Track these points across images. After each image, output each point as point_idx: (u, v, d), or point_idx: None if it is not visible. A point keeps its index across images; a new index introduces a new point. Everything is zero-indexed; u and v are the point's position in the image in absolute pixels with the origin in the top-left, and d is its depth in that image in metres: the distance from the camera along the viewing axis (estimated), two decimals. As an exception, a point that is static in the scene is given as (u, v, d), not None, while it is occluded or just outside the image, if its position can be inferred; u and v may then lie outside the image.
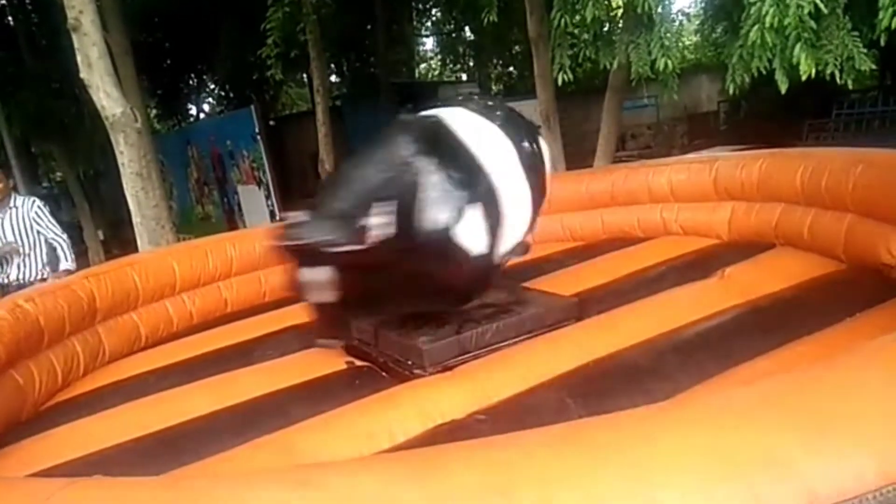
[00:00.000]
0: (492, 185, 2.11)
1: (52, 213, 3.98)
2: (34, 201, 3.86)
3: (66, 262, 3.81)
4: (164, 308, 3.10)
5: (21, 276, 3.73)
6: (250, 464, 1.57)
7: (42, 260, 3.82)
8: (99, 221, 11.22)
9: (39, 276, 3.77)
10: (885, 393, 0.72)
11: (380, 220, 1.73)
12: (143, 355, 2.78)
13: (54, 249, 3.81)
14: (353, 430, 1.74)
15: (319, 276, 1.80)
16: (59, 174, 15.08)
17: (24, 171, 9.91)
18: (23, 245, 3.73)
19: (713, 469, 0.64)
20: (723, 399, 0.79)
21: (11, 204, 3.72)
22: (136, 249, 4.46)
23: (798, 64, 3.01)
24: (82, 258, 9.61)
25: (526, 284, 2.75)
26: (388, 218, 1.76)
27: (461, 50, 15.61)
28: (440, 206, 1.95)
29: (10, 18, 10.75)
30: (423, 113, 2.28)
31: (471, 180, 2.05)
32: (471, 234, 2.04)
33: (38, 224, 3.77)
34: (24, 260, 3.73)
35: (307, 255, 1.79)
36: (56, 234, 3.82)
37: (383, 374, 2.24)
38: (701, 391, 1.58)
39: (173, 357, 2.62)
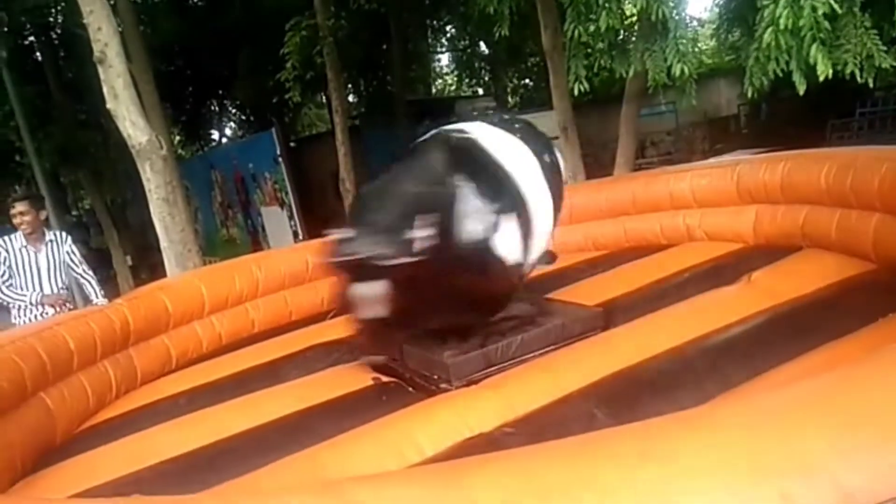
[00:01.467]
0: (521, 195, 2.16)
1: (83, 241, 4.10)
2: (67, 236, 3.92)
3: (98, 298, 3.86)
4: (193, 330, 3.15)
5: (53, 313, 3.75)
6: (281, 482, 1.58)
7: (67, 294, 3.89)
8: (127, 247, 11.46)
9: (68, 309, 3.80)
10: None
11: (425, 233, 1.77)
12: (174, 377, 2.83)
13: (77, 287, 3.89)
14: (382, 446, 1.75)
15: (372, 290, 1.83)
16: (87, 202, 15.45)
17: (54, 201, 10.16)
18: (57, 280, 3.77)
19: (743, 474, 0.63)
20: (751, 404, 0.78)
21: (47, 238, 3.78)
22: (163, 274, 4.54)
23: (815, 65, 2.98)
24: (111, 283, 9.82)
25: (550, 295, 2.75)
26: (433, 230, 1.79)
27: (477, 65, 15.72)
28: (477, 218, 1.99)
29: (38, 54, 11.11)
30: (448, 127, 2.32)
31: (502, 191, 2.10)
32: (506, 244, 2.08)
33: (71, 260, 3.84)
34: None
35: (358, 270, 1.82)
36: (86, 271, 3.90)
37: (410, 389, 2.24)
38: (729, 398, 1.56)
39: (203, 378, 2.66)
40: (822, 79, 3.04)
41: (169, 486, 1.68)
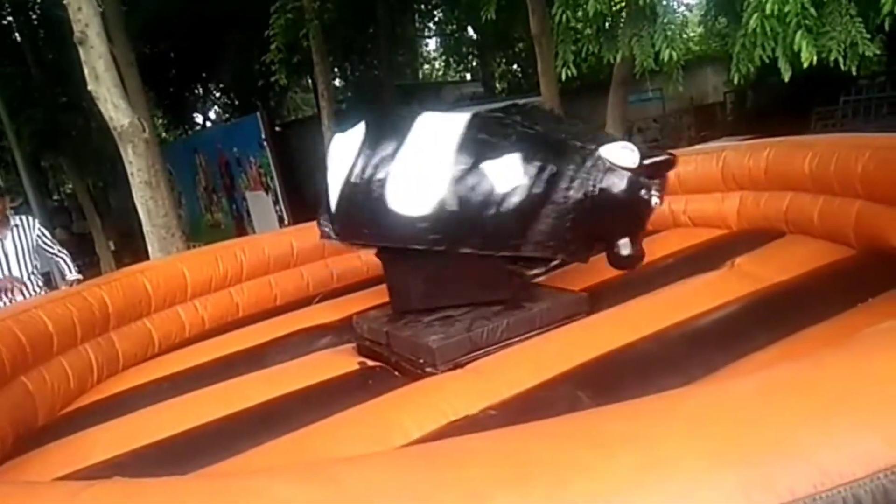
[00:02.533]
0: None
1: (65, 226, 4.04)
2: (35, 220, 3.85)
3: (72, 273, 3.83)
4: (176, 314, 3.13)
5: (26, 297, 3.63)
6: (265, 466, 1.58)
7: (41, 278, 3.81)
8: (110, 232, 11.33)
9: (41, 293, 3.71)
10: (889, 375, 0.72)
11: None
12: (157, 361, 2.81)
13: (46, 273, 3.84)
14: (367, 429, 1.75)
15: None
16: (69, 187, 15.23)
17: (35, 185, 10.01)
18: (26, 264, 3.68)
19: (725, 454, 0.64)
20: (733, 386, 0.79)
21: (12, 223, 3.70)
22: (147, 259, 4.50)
23: (800, 51, 2.99)
24: (94, 269, 9.72)
25: (536, 280, 2.76)
26: None
27: (464, 49, 15.63)
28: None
29: (16, 35, 10.88)
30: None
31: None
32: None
33: (43, 243, 3.77)
34: (26, 281, 3.66)
35: None
36: (60, 250, 3.86)
37: (395, 373, 2.25)
38: (712, 381, 1.58)
39: (187, 363, 2.64)
40: (806, 65, 3.06)
41: (152, 470, 1.66)
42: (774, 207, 2.98)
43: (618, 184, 2.15)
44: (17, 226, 3.69)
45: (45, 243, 3.80)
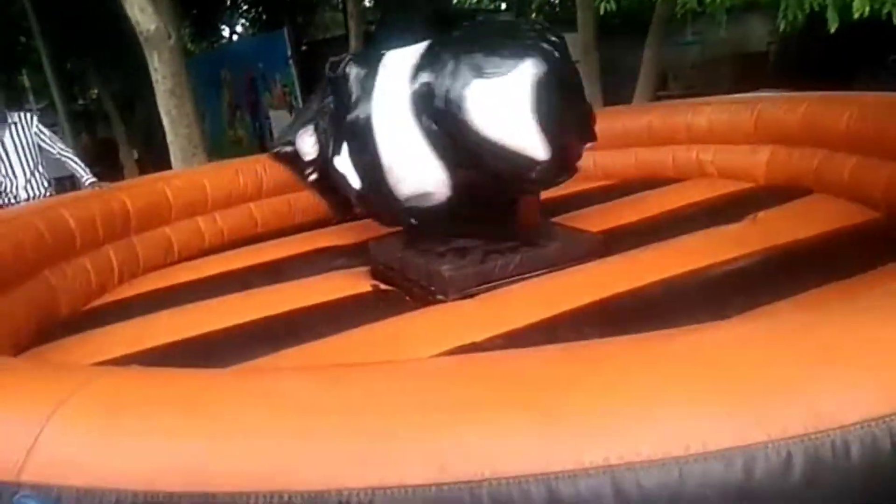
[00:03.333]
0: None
1: (89, 131, 3.92)
2: (33, 117, 3.70)
3: (86, 174, 3.51)
4: (196, 224, 3.18)
5: (31, 196, 3.48)
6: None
7: (46, 178, 3.57)
8: (134, 141, 11.35)
9: (47, 195, 3.51)
10: (892, 332, 0.72)
11: None
12: (177, 268, 2.88)
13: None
14: (376, 348, 1.80)
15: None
16: (94, 92, 15.18)
17: (60, 88, 9.98)
18: (28, 162, 3.49)
19: (718, 390, 0.65)
20: (736, 329, 0.80)
21: (10, 120, 3.47)
22: (169, 169, 4.52)
23: (852, 1, 2.84)
24: (118, 174, 9.80)
25: (553, 219, 2.75)
26: None
27: (502, -24, 14.96)
28: None
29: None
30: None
31: None
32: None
33: (42, 140, 3.53)
34: (30, 179, 3.48)
35: None
36: (63, 149, 3.58)
37: (407, 298, 2.29)
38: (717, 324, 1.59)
39: (206, 272, 2.70)
40: (856, 16, 2.89)
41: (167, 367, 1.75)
42: (805, 164, 2.91)
43: None
44: (14, 123, 3.56)
45: (45, 141, 3.56)
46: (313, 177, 2.57)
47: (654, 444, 0.59)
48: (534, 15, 14.78)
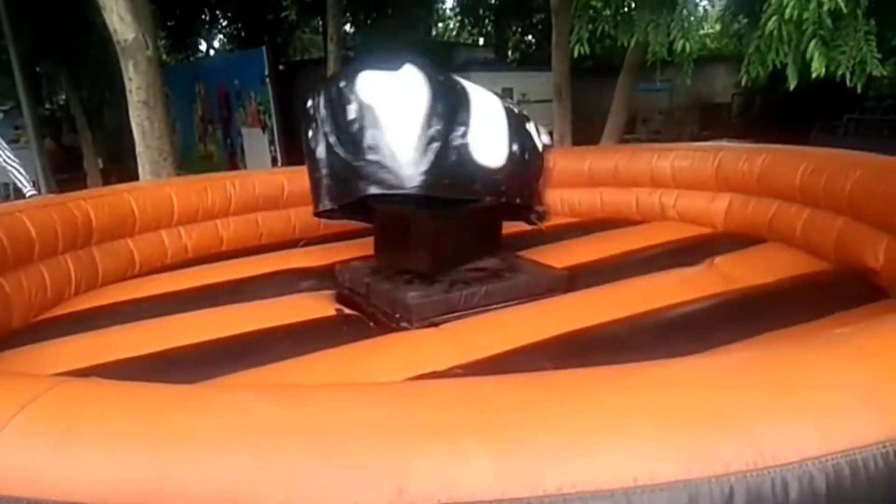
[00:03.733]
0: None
1: (54, 136, 3.81)
2: None
3: (28, 186, 3.35)
4: (159, 238, 3.13)
5: None
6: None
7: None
8: (100, 149, 11.12)
9: None
10: (838, 374, 0.76)
11: None
12: (137, 282, 2.82)
13: None
14: (337, 373, 1.79)
15: None
16: (62, 98, 14.88)
17: (28, 91, 9.76)
18: None
19: (668, 424, 0.68)
20: (689, 364, 0.84)
21: None
22: (135, 180, 4.46)
23: (811, 61, 3.00)
24: (80, 183, 9.58)
25: (519, 253, 2.80)
26: None
27: (481, 12, 15.33)
28: None
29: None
30: None
31: None
32: None
33: None
34: None
35: None
36: (8, 158, 3.34)
37: (371, 324, 2.29)
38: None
39: (166, 287, 2.66)
40: (814, 76, 3.06)
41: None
42: (761, 213, 3.03)
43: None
44: None
45: None
46: None
47: (605, 474, 0.61)
48: (510, 53, 15.14)
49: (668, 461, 0.64)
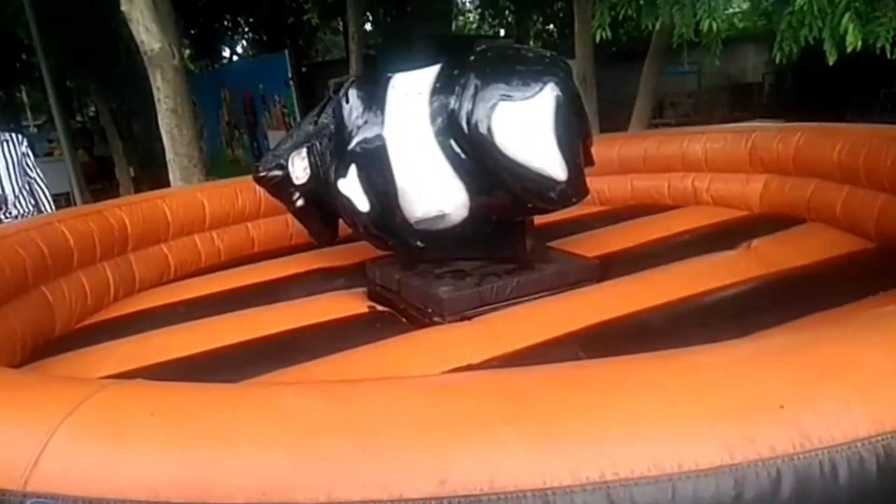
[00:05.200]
0: None
1: (86, 148, 3.88)
2: (23, 138, 3.55)
3: (49, 206, 3.52)
4: (193, 243, 3.19)
5: (20, 214, 3.43)
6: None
7: (34, 197, 3.52)
8: (131, 159, 11.38)
9: (34, 213, 3.45)
10: (882, 354, 0.74)
11: None
12: (173, 286, 2.88)
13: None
14: (373, 368, 1.81)
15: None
16: (92, 109, 15.26)
17: (59, 105, 10.03)
18: (17, 181, 3.44)
19: (710, 409, 0.67)
20: (729, 349, 0.82)
21: (2, 138, 3.41)
22: (166, 187, 4.55)
23: (846, 34, 2.91)
24: (113, 192, 9.82)
25: (550, 244, 2.78)
26: None
27: (501, 3, 15.23)
28: None
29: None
30: None
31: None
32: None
33: (27, 164, 3.50)
34: (19, 196, 3.43)
35: None
36: (40, 175, 3.55)
37: (403, 319, 2.30)
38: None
39: (202, 290, 2.71)
40: (850, 50, 2.97)
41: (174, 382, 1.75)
42: (798, 194, 2.96)
43: None
44: (6, 141, 3.53)
45: (28, 164, 3.51)
46: (300, 202, 2.51)
47: (649, 461, 0.61)
48: (531, 42, 15.02)
49: (712, 447, 0.63)
